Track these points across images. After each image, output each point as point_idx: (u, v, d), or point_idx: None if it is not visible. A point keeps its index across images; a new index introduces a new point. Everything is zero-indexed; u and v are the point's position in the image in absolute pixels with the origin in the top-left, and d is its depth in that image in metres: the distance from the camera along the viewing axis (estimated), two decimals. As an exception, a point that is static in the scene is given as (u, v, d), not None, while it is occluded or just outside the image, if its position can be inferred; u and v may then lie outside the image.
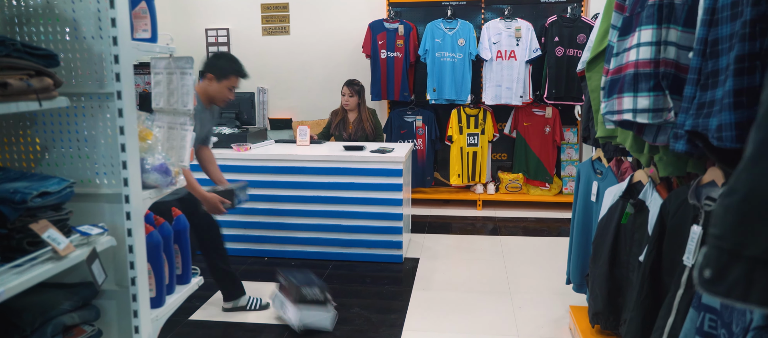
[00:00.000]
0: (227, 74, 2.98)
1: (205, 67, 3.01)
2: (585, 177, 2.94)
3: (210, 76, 2.97)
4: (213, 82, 2.98)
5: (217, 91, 3.00)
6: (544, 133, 5.36)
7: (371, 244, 4.02)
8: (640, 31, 1.75)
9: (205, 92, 3.02)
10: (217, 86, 2.98)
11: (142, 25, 1.79)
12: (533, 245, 4.47)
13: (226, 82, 2.99)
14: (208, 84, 2.99)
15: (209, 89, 3.00)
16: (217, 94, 3.01)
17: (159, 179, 1.77)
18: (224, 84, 2.99)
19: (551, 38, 5.12)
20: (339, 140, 4.63)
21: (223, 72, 2.97)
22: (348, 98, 4.57)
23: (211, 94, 3.01)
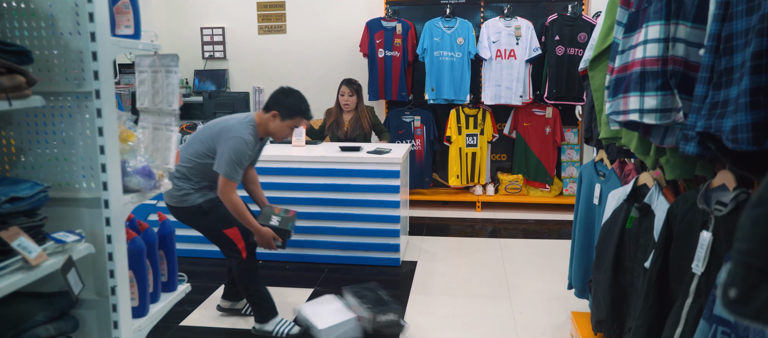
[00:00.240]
0: (293, 115, 2.85)
1: (271, 102, 2.85)
2: (587, 179, 2.86)
3: (275, 113, 2.82)
4: (276, 120, 2.83)
5: (278, 129, 2.86)
6: (544, 133, 5.28)
7: (368, 247, 3.93)
8: (646, 28, 1.67)
9: (266, 126, 2.86)
10: (279, 124, 2.84)
11: (125, 21, 1.71)
12: (533, 247, 4.38)
13: (291, 122, 2.86)
14: (270, 120, 2.84)
15: (270, 125, 2.85)
16: (277, 131, 2.87)
17: (142, 183, 1.68)
18: (288, 123, 2.85)
19: (552, 37, 5.04)
20: (333, 140, 4.55)
21: (291, 112, 2.83)
22: (348, 97, 4.48)
23: (271, 130, 2.86)
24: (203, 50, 5.83)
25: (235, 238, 2.84)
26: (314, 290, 3.58)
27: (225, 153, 2.70)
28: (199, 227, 2.91)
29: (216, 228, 2.85)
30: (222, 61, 5.86)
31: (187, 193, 2.82)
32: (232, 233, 2.84)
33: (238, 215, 2.76)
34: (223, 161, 2.70)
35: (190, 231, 4.06)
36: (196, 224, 2.89)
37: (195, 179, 2.82)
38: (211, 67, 5.85)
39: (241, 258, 2.87)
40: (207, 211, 2.83)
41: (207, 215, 2.83)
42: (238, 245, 2.85)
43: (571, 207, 5.38)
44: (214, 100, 4.21)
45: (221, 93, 4.28)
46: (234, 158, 2.70)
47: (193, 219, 2.87)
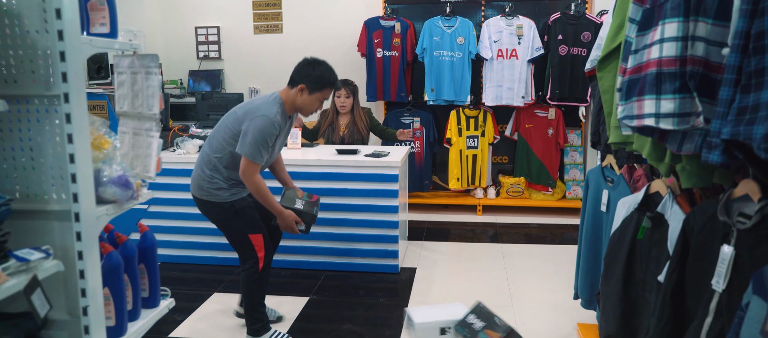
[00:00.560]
0: (322, 86, 2.70)
1: (297, 75, 2.69)
2: (594, 185, 2.73)
3: (302, 87, 2.67)
4: (304, 94, 2.68)
5: (306, 103, 2.71)
6: (546, 135, 5.15)
7: (365, 253, 3.81)
8: (663, 25, 1.54)
9: (293, 101, 2.70)
10: (308, 98, 2.69)
11: (100, 19, 1.58)
12: (536, 253, 4.26)
13: (320, 94, 2.71)
14: (298, 94, 2.68)
15: (298, 100, 2.70)
16: (306, 105, 2.72)
17: (118, 194, 1.56)
18: (317, 97, 2.71)
19: (554, 36, 4.91)
20: (329, 144, 4.42)
21: (319, 84, 2.68)
22: (344, 99, 4.33)
23: (300, 105, 2.71)
24: (198, 50, 5.70)
25: (257, 246, 2.72)
26: (310, 298, 3.45)
27: (249, 133, 2.56)
28: (224, 226, 2.77)
29: (242, 232, 2.72)
30: (217, 62, 5.74)
31: (219, 187, 2.68)
32: (257, 240, 2.72)
33: (261, 197, 2.63)
34: (247, 142, 2.56)
35: (180, 237, 3.97)
36: (222, 222, 2.75)
37: (226, 171, 2.69)
38: (206, 68, 5.72)
39: (256, 267, 2.74)
40: (238, 212, 2.70)
41: (237, 216, 2.70)
42: (258, 253, 2.73)
43: (574, 211, 5.28)
44: (208, 101, 4.08)
45: (215, 94, 4.15)
46: (259, 139, 2.55)
47: (220, 217, 2.73)
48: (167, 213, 3.95)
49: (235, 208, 2.69)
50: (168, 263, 4.00)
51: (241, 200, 2.72)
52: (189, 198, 3.87)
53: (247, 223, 2.71)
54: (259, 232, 2.73)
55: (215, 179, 2.68)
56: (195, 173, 2.76)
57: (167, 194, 3.93)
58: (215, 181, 2.68)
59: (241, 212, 2.70)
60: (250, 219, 2.72)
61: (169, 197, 3.93)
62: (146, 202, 3.94)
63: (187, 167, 3.85)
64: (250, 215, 2.73)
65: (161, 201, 3.94)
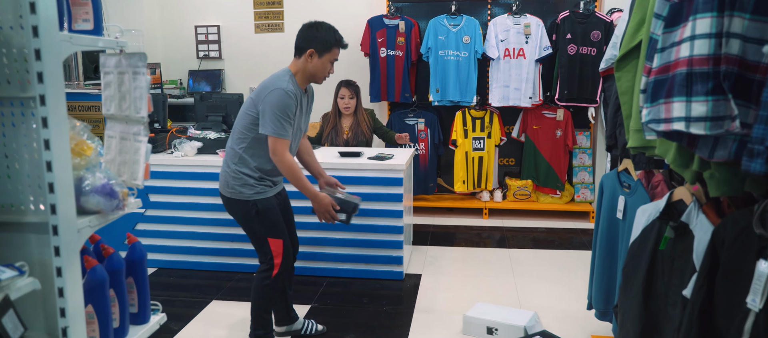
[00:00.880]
0: (330, 46, 2.59)
1: (302, 42, 2.59)
2: (609, 191, 2.60)
3: (311, 51, 2.56)
4: (314, 58, 2.57)
5: (318, 68, 2.59)
6: (554, 137, 5.02)
7: (369, 259, 3.69)
8: (694, 21, 1.41)
9: (305, 70, 2.60)
10: (318, 61, 2.58)
11: (83, 14, 1.47)
12: (544, 258, 4.13)
13: (328, 55, 2.60)
14: (307, 61, 2.57)
15: (309, 67, 2.58)
16: (318, 70, 2.60)
17: (102, 204, 1.44)
18: (326, 58, 2.60)
19: (563, 35, 4.78)
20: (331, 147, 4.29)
21: (326, 45, 2.57)
22: (348, 100, 4.20)
23: (312, 71, 2.60)
24: (198, 49, 5.59)
25: (275, 251, 2.61)
26: (311, 307, 3.33)
27: (267, 110, 2.45)
28: (246, 226, 2.66)
29: (262, 234, 2.61)
30: (217, 61, 5.62)
31: (244, 183, 2.56)
32: (276, 244, 2.61)
33: (293, 177, 2.51)
34: (267, 119, 2.45)
35: (178, 241, 3.86)
36: (245, 221, 2.64)
37: (253, 161, 2.57)
38: (206, 67, 5.61)
39: (270, 273, 2.62)
40: (259, 212, 2.58)
41: (258, 217, 2.58)
42: (274, 260, 2.61)
43: (583, 215, 5.15)
44: (207, 102, 3.97)
45: (214, 95, 4.04)
46: (278, 113, 2.45)
47: (243, 216, 2.62)
48: (164, 217, 3.84)
49: (258, 208, 2.57)
50: (165, 269, 3.89)
51: (265, 200, 2.60)
52: (187, 202, 3.79)
53: (267, 225, 2.60)
54: (279, 237, 2.62)
55: (241, 174, 2.56)
56: (222, 171, 2.66)
57: (164, 198, 3.81)
58: (241, 176, 2.56)
59: (262, 213, 2.59)
60: (271, 222, 2.62)
61: (167, 201, 3.81)
62: (143, 206, 3.83)
63: (184, 169, 3.74)
64: (273, 217, 2.62)
65: (158, 205, 3.82)
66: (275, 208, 2.66)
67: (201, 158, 3.74)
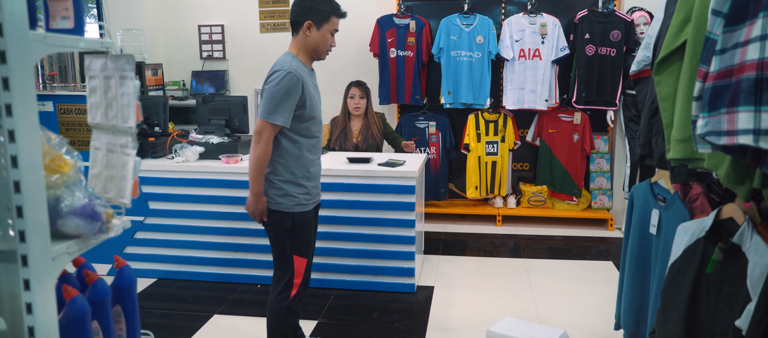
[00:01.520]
0: (328, 15, 2.36)
1: (297, 16, 2.36)
2: (641, 203, 2.41)
3: (308, 24, 2.34)
4: (312, 31, 2.35)
5: (318, 41, 2.37)
6: (571, 141, 4.82)
7: (379, 271, 3.50)
8: (764, 18, 1.22)
9: (305, 46, 2.37)
10: (318, 34, 2.36)
11: (61, 10, 1.29)
12: (562, 269, 3.93)
13: (328, 25, 2.37)
14: (306, 36, 2.35)
15: (309, 42, 2.36)
16: (319, 44, 2.37)
17: (82, 227, 1.26)
18: (326, 29, 2.37)
19: (581, 35, 4.58)
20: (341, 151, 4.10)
21: (324, 14, 2.35)
22: (358, 100, 4.01)
23: (312, 46, 2.37)
24: (201, 50, 5.42)
25: (298, 270, 2.40)
26: (318, 322, 3.15)
27: (265, 94, 2.25)
28: (274, 236, 2.42)
29: (290, 251, 2.38)
30: (221, 62, 5.45)
31: (284, 192, 2.34)
32: (300, 264, 2.40)
33: (256, 169, 2.27)
34: (263, 102, 2.25)
35: (179, 251, 3.68)
36: (275, 231, 2.40)
37: (286, 165, 2.34)
38: (210, 68, 5.44)
39: (288, 293, 2.40)
40: (295, 227, 2.37)
41: (293, 232, 2.37)
42: (294, 279, 2.39)
43: (600, 222, 4.95)
44: (209, 105, 3.79)
45: (217, 97, 3.87)
46: (277, 95, 2.22)
47: (275, 226, 2.38)
48: (164, 226, 3.67)
49: (295, 222, 2.36)
50: (165, 279, 3.72)
51: (303, 214, 2.39)
52: (188, 210, 3.61)
53: (299, 242, 2.40)
54: (305, 257, 2.42)
55: (279, 183, 2.34)
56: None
57: (164, 205, 3.64)
58: (279, 185, 2.34)
59: (298, 229, 2.38)
60: (303, 239, 2.41)
61: (167, 209, 3.64)
62: (142, 214, 3.66)
63: (185, 176, 3.57)
64: (306, 235, 2.42)
65: (158, 213, 3.65)
66: (311, 224, 2.46)
67: (203, 163, 3.57)
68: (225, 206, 3.56)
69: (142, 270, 3.74)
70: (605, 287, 3.60)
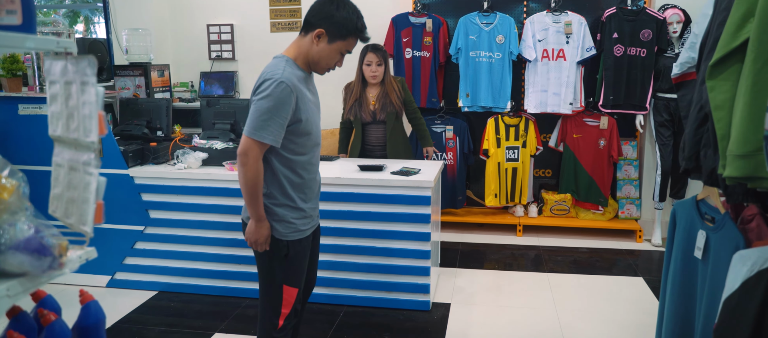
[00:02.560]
0: (346, 34, 2.01)
1: (314, 17, 2.00)
2: (685, 223, 2.14)
3: (320, 32, 1.98)
4: (322, 42, 1.99)
5: (324, 54, 2.01)
6: (597, 147, 4.54)
7: (392, 287, 3.27)
8: None
9: (307, 54, 2.02)
10: (326, 48, 2.00)
11: (7, 4, 1.08)
12: (589, 286, 3.66)
13: (342, 44, 2.02)
14: (312, 43, 2.00)
15: (313, 51, 2.01)
16: (323, 58, 2.02)
17: (28, 264, 1.05)
18: (337, 47, 2.02)
19: (609, 34, 4.30)
20: (356, 125, 3.72)
21: (343, 30, 2.00)
22: (376, 67, 3.63)
23: (315, 58, 2.02)
24: (210, 50, 5.24)
25: (287, 301, 2.11)
26: (325, 343, 2.93)
27: (255, 104, 1.92)
28: (263, 264, 2.12)
29: (279, 280, 2.10)
30: (230, 63, 5.27)
31: (279, 218, 2.05)
32: (290, 294, 2.11)
33: (252, 191, 1.94)
34: (251, 115, 1.92)
35: (180, 263, 3.47)
36: (264, 259, 2.10)
37: (281, 182, 2.04)
38: (219, 69, 5.25)
39: (275, 323, 2.12)
40: (289, 257, 2.08)
41: (285, 262, 2.09)
42: (281, 309, 2.11)
43: (627, 234, 4.66)
44: (213, 108, 3.60)
45: (222, 100, 3.68)
46: (267, 109, 1.89)
47: (267, 254, 2.08)
48: (165, 236, 3.48)
49: (289, 252, 2.08)
50: (166, 292, 3.53)
51: (299, 242, 2.11)
52: (190, 220, 3.42)
53: (290, 273, 2.11)
54: (296, 287, 2.14)
55: (273, 207, 2.05)
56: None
57: (165, 214, 3.45)
58: (273, 209, 2.04)
59: (292, 259, 2.09)
60: (296, 271, 2.13)
61: (168, 218, 3.45)
62: (142, 223, 3.48)
63: (187, 183, 3.38)
64: (299, 266, 2.13)
65: (159, 222, 3.46)
66: (306, 253, 2.17)
67: (206, 170, 3.37)
68: (229, 216, 3.35)
69: (141, 282, 3.55)
70: (636, 306, 3.33)
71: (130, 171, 3.43)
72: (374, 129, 3.74)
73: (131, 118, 3.73)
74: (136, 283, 3.56)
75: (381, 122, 3.71)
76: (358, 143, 3.77)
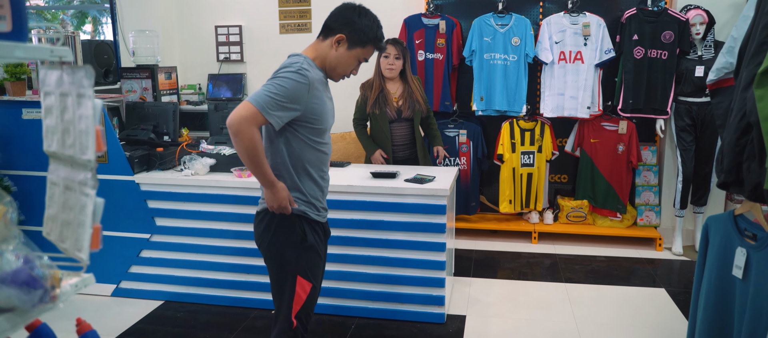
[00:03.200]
0: (366, 41, 2.00)
1: (335, 22, 1.99)
2: (722, 239, 2.01)
3: (340, 37, 1.97)
4: (341, 47, 1.98)
5: (342, 60, 1.99)
6: (615, 152, 4.41)
7: (405, 298, 3.16)
8: None
9: (325, 58, 1.99)
10: (345, 54, 1.98)
11: (-6, 9, 0.97)
12: (608, 297, 3.53)
13: (361, 52, 2.01)
14: (332, 47, 1.98)
15: (331, 56, 1.98)
16: (341, 64, 2.00)
17: (16, 298, 0.95)
18: (356, 54, 2.00)
19: (629, 36, 4.17)
20: (383, 120, 3.56)
21: (363, 37, 1.98)
22: (393, 60, 3.51)
23: (332, 63, 2.00)
24: (218, 52, 5.14)
25: (299, 293, 2.02)
26: (337, 358, 2.82)
27: (276, 78, 1.87)
28: (275, 254, 2.06)
29: (293, 270, 2.02)
30: (239, 65, 5.17)
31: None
32: (304, 286, 2.03)
33: (253, 156, 1.87)
34: (266, 86, 1.86)
35: (187, 272, 3.37)
36: (276, 246, 2.04)
37: (295, 167, 2.01)
38: (227, 71, 5.16)
39: (289, 322, 2.03)
40: (304, 244, 2.02)
41: (301, 247, 2.02)
42: (294, 305, 2.03)
43: (647, 241, 4.52)
44: (221, 112, 3.50)
45: (230, 103, 3.58)
46: (277, 90, 1.84)
47: (280, 238, 2.02)
48: (172, 244, 3.38)
49: (306, 233, 2.02)
50: (172, 302, 3.43)
51: (315, 226, 2.07)
52: (197, 227, 3.32)
53: (305, 262, 2.03)
54: (310, 282, 2.05)
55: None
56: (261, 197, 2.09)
57: (172, 222, 3.36)
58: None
59: (306, 250, 2.03)
60: (311, 262, 2.06)
61: (175, 226, 3.36)
62: (148, 231, 3.38)
63: (195, 190, 3.28)
64: (314, 259, 2.07)
65: (165, 230, 3.37)
66: (321, 248, 2.11)
67: (213, 177, 3.27)
68: (237, 224, 3.25)
69: (147, 292, 3.46)
70: (660, 320, 3.21)
71: (136, 177, 3.34)
72: (399, 127, 3.64)
73: (137, 122, 3.63)
74: (141, 292, 3.47)
75: (406, 120, 3.61)
76: (385, 143, 3.64)
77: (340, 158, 4.45)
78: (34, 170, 3.38)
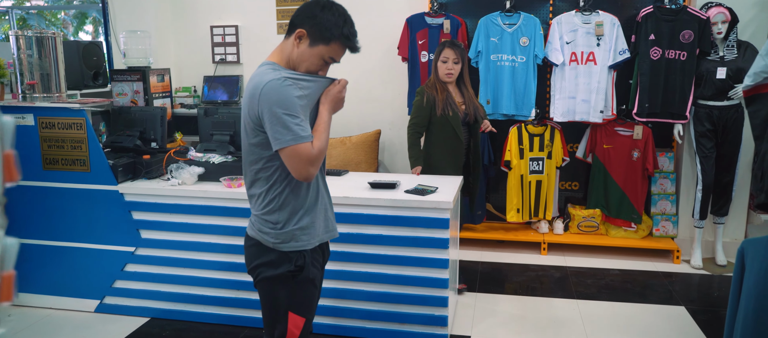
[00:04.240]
0: (329, 38, 1.77)
1: (297, 17, 1.81)
2: (759, 261, 1.78)
3: (300, 33, 1.77)
4: (302, 44, 1.78)
5: (304, 57, 1.78)
6: (630, 158, 4.17)
7: (405, 318, 2.94)
8: None
9: (289, 58, 1.81)
10: (306, 50, 1.78)
11: None
12: (625, 316, 3.30)
13: (324, 49, 1.78)
14: (294, 45, 1.79)
15: (294, 54, 1.79)
16: (302, 62, 1.79)
17: None
18: (319, 51, 1.78)
19: (645, 36, 3.93)
20: (455, 122, 3.35)
21: (325, 33, 1.76)
22: (452, 64, 3.33)
23: (295, 61, 1.80)
24: (213, 53, 4.95)
25: (291, 330, 1.86)
26: (331, 385, 2.61)
27: (272, 116, 1.68)
28: (265, 289, 1.88)
29: (285, 306, 1.86)
30: (235, 66, 4.97)
31: (282, 238, 1.82)
32: (296, 322, 1.86)
33: (326, 146, 1.82)
34: (278, 125, 1.68)
35: (174, 287, 3.16)
36: (267, 283, 1.87)
37: (283, 205, 1.82)
38: (223, 73, 4.96)
39: None
40: (296, 278, 1.84)
41: (292, 283, 1.84)
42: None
43: (664, 253, 4.28)
44: (211, 118, 3.30)
45: (220, 109, 3.37)
46: (284, 111, 1.68)
47: (266, 275, 1.85)
48: (158, 258, 3.18)
49: (295, 272, 1.83)
50: (158, 319, 3.23)
51: (299, 257, 1.84)
52: (184, 240, 3.11)
53: (298, 298, 1.86)
54: (304, 316, 1.88)
55: (276, 228, 1.83)
56: (250, 221, 1.92)
57: (158, 235, 3.16)
58: (278, 232, 1.83)
59: (300, 283, 1.85)
60: (304, 297, 1.88)
61: (161, 239, 3.16)
62: (132, 244, 3.18)
63: (182, 201, 3.08)
64: (308, 292, 1.89)
65: (151, 243, 3.17)
66: (316, 280, 1.92)
67: (202, 187, 3.07)
68: (226, 238, 3.05)
69: (132, 308, 3.26)
70: (681, 342, 2.98)
71: (120, 187, 3.14)
72: (464, 132, 3.48)
73: (123, 128, 3.43)
74: (126, 308, 3.27)
75: (467, 125, 3.45)
76: (457, 147, 3.41)
77: (338, 166, 4.25)
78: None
